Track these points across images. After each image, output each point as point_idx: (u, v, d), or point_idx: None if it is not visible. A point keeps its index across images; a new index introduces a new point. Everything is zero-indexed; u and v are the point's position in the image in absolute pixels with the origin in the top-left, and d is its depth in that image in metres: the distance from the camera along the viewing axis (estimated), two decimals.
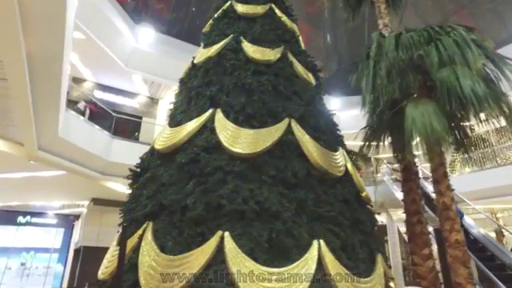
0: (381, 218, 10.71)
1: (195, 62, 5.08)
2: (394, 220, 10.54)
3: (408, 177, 4.39)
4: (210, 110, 4.02)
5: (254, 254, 2.86)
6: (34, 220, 14.48)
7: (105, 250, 10.08)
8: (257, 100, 4.08)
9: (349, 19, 6.66)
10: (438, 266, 3.92)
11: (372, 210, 4.20)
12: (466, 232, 6.44)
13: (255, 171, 3.44)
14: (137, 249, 3.23)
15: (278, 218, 3.10)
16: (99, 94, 11.94)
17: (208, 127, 3.86)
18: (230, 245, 2.87)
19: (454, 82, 2.96)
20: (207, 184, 3.33)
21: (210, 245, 2.90)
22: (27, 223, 14.22)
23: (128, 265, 3.17)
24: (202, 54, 5.10)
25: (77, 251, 12.01)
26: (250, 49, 4.70)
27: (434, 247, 4.10)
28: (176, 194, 3.37)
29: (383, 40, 3.63)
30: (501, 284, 4.31)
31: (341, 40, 19.03)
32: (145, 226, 3.36)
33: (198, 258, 2.84)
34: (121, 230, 2.69)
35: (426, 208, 4.97)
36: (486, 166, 11.69)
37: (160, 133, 4.37)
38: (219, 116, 3.91)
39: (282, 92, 4.30)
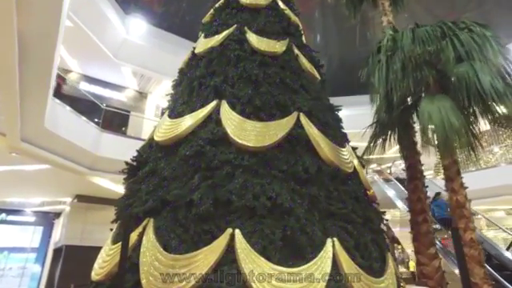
0: None
1: (196, 51, 4.85)
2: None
3: (414, 175, 4.33)
4: (215, 101, 3.81)
5: (267, 253, 2.69)
6: (11, 218, 13.73)
7: (89, 249, 9.67)
8: (264, 92, 3.91)
9: (350, 16, 6.59)
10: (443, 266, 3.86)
11: (378, 209, 4.11)
12: None
13: (265, 166, 3.27)
14: (137, 247, 2.98)
15: (290, 215, 2.94)
16: (85, 86, 11.43)
17: (213, 119, 3.65)
18: (241, 243, 2.69)
19: (473, 77, 2.90)
20: (214, 178, 3.12)
21: (220, 243, 2.70)
22: (2, 221, 13.46)
23: (128, 265, 2.92)
24: (203, 43, 4.88)
25: (57, 251, 11.44)
26: (255, 40, 4.52)
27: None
28: (180, 188, 3.14)
29: (397, 34, 3.55)
30: (507, 283, 4.33)
31: (331, 40, 19.16)
32: (145, 222, 3.11)
33: (207, 258, 2.63)
34: (123, 226, 2.46)
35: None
36: (469, 169, 11.99)
37: (159, 124, 4.12)
38: (225, 107, 3.71)
39: (289, 85, 4.15)
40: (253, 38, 4.54)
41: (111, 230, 4.25)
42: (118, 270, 2.36)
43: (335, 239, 2.95)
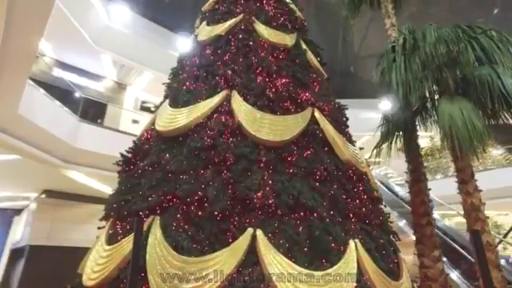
0: None
1: (200, 39, 4.53)
2: None
3: (417, 177, 4.33)
4: (225, 91, 3.54)
5: (292, 255, 2.48)
6: None
7: (59, 249, 8.90)
8: (278, 85, 3.71)
9: (349, 17, 6.59)
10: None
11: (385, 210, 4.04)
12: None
13: (282, 162, 3.06)
14: (141, 249, 2.64)
15: (313, 215, 2.75)
16: (59, 73, 10.52)
17: (224, 110, 3.38)
18: (264, 244, 2.45)
19: (496, 80, 2.90)
20: (230, 173, 2.86)
21: (241, 244, 2.45)
22: None
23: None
24: (207, 31, 4.57)
25: (17, 251, 10.39)
26: (264, 31, 4.31)
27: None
28: (190, 183, 2.84)
29: (417, 33, 3.50)
30: None
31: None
32: (149, 220, 2.78)
33: (227, 260, 2.37)
34: (135, 226, 2.13)
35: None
36: (436, 177, 12.59)
37: (160, 113, 3.76)
38: (236, 98, 3.45)
39: (300, 79, 3.97)
40: (262, 29, 4.32)
41: (99, 228, 3.85)
42: (130, 276, 2.03)
43: (357, 240, 2.81)
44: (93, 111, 10.64)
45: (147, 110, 12.87)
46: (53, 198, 9.51)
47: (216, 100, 3.47)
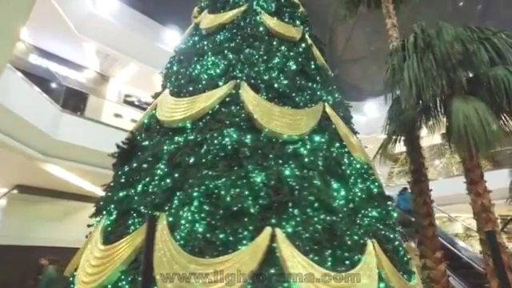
0: None
1: (202, 27, 4.28)
2: None
3: (419, 178, 4.31)
4: (232, 82, 3.33)
5: (313, 255, 2.32)
6: None
7: (30, 249, 8.26)
8: (288, 77, 3.54)
9: (347, 16, 6.58)
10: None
11: None
12: None
13: (298, 157, 2.89)
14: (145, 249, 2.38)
15: (333, 213, 2.60)
16: (36, 60, 9.81)
17: (233, 100, 3.17)
18: (285, 244, 2.27)
19: None
20: (244, 168, 2.66)
21: (260, 244, 2.26)
22: None
23: (134, 271, 2.32)
24: (210, 19, 4.33)
25: None
26: (271, 21, 4.14)
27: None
28: (201, 178, 2.61)
29: (431, 32, 3.46)
30: None
31: None
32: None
33: (246, 261, 2.16)
34: (148, 224, 1.88)
35: None
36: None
37: (161, 103, 3.48)
38: (246, 89, 3.25)
39: (308, 73, 3.83)
40: (268, 19, 4.14)
41: (89, 226, 3.53)
42: (143, 279, 1.78)
43: (374, 240, 2.69)
44: (72, 103, 10.00)
45: (131, 104, 12.33)
46: (25, 194, 8.82)
47: (223, 90, 3.25)
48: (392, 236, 2.99)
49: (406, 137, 4.21)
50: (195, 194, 2.54)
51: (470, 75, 3.36)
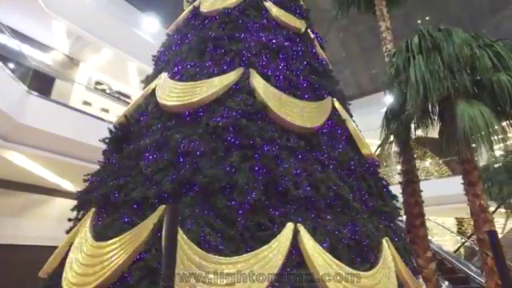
0: None
1: (203, 10, 4.00)
2: None
3: (411, 179, 4.40)
4: (240, 69, 3.12)
5: (336, 253, 2.20)
6: None
7: None
8: (296, 69, 3.41)
9: (339, 16, 6.64)
10: None
11: None
12: None
13: (313, 150, 2.76)
14: (152, 245, 2.12)
15: (351, 210, 2.50)
16: None
17: (244, 88, 2.97)
18: (309, 241, 2.13)
19: None
20: (260, 160, 2.47)
21: (283, 241, 2.09)
22: None
23: (139, 271, 2.03)
24: (210, 2, 4.07)
25: None
26: (278, 11, 3.98)
27: None
28: (215, 168, 2.38)
29: (437, 34, 3.52)
30: None
31: None
32: (159, 212, 2.24)
33: (271, 260, 1.98)
34: (169, 218, 1.62)
35: None
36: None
37: (161, 86, 3.17)
38: (256, 77, 3.06)
39: (314, 67, 3.73)
40: (273, 8, 3.98)
41: (70, 220, 3.15)
42: (163, 279, 1.52)
43: (387, 239, 2.64)
44: (37, 86, 9.06)
45: (102, 92, 11.50)
46: None
47: (232, 77, 3.03)
48: (399, 234, 2.97)
49: (400, 138, 4.27)
50: (207, 185, 2.30)
51: (472, 79, 3.46)
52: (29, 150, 6.24)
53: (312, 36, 4.32)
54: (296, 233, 2.15)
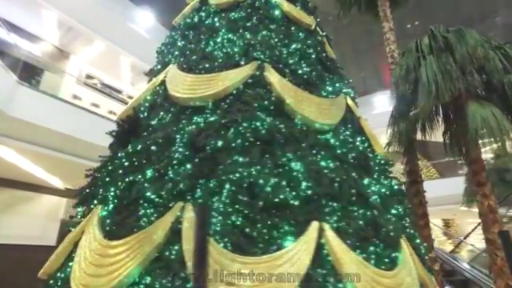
0: None
1: (211, 2, 3.88)
2: None
3: (415, 179, 4.41)
4: (255, 63, 3.03)
5: (359, 252, 2.14)
6: None
7: None
8: (310, 65, 3.34)
9: (340, 15, 6.64)
10: None
11: None
12: None
13: (330, 147, 2.70)
14: (170, 244, 2.00)
15: (373, 207, 2.45)
16: None
17: (259, 83, 2.87)
18: (335, 240, 2.06)
19: None
20: (280, 156, 2.38)
21: (309, 240, 2.01)
22: None
23: (158, 271, 1.91)
24: None
25: None
26: (287, 5, 3.90)
27: None
28: (233, 165, 2.28)
29: (449, 35, 3.53)
30: None
31: None
32: (176, 209, 2.12)
33: (299, 259, 1.90)
34: (199, 216, 1.51)
35: None
36: None
37: (171, 78, 3.03)
38: (271, 72, 2.97)
39: (326, 65, 3.67)
40: (285, 3, 3.90)
41: (71, 217, 2.99)
42: (195, 281, 1.42)
43: (404, 238, 2.61)
44: (25, 78, 8.67)
45: (93, 86, 11.14)
46: None
47: (247, 70, 2.93)
48: (414, 233, 2.94)
49: (405, 137, 4.26)
50: (227, 182, 2.20)
51: (482, 80, 3.50)
52: (17, 145, 5.94)
53: (322, 34, 4.27)
54: (321, 231, 2.07)
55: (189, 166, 2.35)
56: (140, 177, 2.46)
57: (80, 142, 6.51)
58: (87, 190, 2.88)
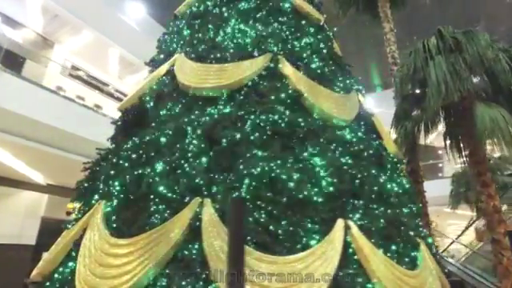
0: None
1: None
2: None
3: (416, 179, 4.42)
4: (268, 54, 2.91)
5: (383, 250, 2.07)
6: None
7: None
8: (322, 60, 3.26)
9: (340, 15, 6.63)
10: None
11: None
12: None
13: (347, 143, 2.61)
14: (189, 242, 1.85)
15: (394, 205, 2.39)
16: None
17: (275, 74, 2.76)
18: (361, 239, 1.97)
19: None
20: (300, 151, 2.28)
21: (336, 238, 1.92)
22: None
23: (177, 271, 1.76)
24: None
25: None
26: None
27: None
28: (253, 159, 2.15)
29: (459, 35, 3.54)
30: None
31: None
32: (194, 206, 1.97)
33: (328, 258, 1.80)
34: (235, 211, 1.37)
35: None
36: None
37: (180, 67, 2.85)
38: (286, 64, 2.86)
39: (337, 62, 3.60)
40: None
41: (68, 213, 2.76)
42: (232, 282, 1.28)
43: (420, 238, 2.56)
44: (4, 66, 8.13)
45: (79, 78, 10.62)
46: None
47: (261, 62, 2.81)
48: (426, 233, 2.91)
49: (406, 138, 4.26)
50: (247, 176, 2.07)
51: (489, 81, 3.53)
52: None
53: (330, 32, 4.20)
54: (346, 229, 1.98)
55: (204, 159, 2.20)
56: (149, 170, 2.28)
57: (62, 133, 6.13)
58: (85, 185, 2.67)
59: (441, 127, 4.41)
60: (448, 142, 4.21)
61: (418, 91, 3.92)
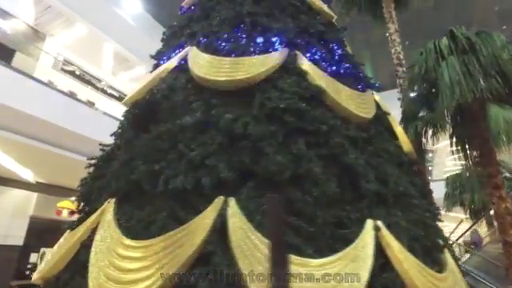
0: None
1: None
2: None
3: (423, 180, 4.38)
4: (285, 50, 2.81)
5: (413, 253, 1.99)
6: None
7: None
8: (337, 56, 3.18)
9: (343, 13, 6.62)
10: None
11: None
12: None
13: (369, 143, 2.54)
14: (212, 243, 1.72)
15: (416, 207, 2.32)
16: None
17: (294, 70, 2.66)
18: (392, 240, 1.90)
19: None
20: (325, 148, 2.19)
21: (368, 240, 1.83)
22: None
23: (204, 275, 1.64)
24: None
25: None
26: None
27: None
28: (283, 155, 2.04)
29: (473, 36, 3.52)
30: None
31: None
32: (217, 204, 1.85)
33: (361, 260, 1.71)
34: (271, 210, 1.26)
35: None
36: None
37: (193, 59, 2.72)
38: (304, 60, 2.76)
39: (351, 60, 3.53)
40: None
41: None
42: (275, 281, 1.17)
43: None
44: None
45: (71, 74, 10.27)
46: None
47: (279, 57, 2.70)
48: (442, 233, 2.87)
49: (416, 138, 4.21)
50: (275, 174, 1.96)
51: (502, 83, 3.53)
52: None
53: (338, 28, 4.14)
54: (377, 230, 1.90)
55: (226, 155, 2.08)
56: (165, 166, 2.15)
57: (61, 129, 5.89)
58: (94, 181, 2.51)
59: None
60: (453, 142, 4.19)
61: (427, 92, 3.89)
